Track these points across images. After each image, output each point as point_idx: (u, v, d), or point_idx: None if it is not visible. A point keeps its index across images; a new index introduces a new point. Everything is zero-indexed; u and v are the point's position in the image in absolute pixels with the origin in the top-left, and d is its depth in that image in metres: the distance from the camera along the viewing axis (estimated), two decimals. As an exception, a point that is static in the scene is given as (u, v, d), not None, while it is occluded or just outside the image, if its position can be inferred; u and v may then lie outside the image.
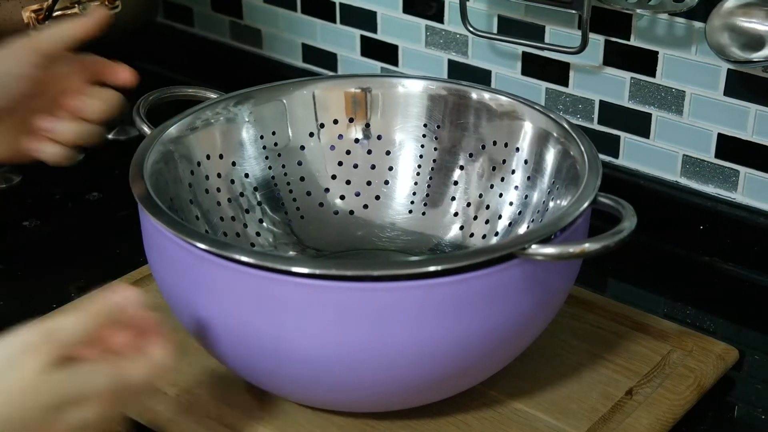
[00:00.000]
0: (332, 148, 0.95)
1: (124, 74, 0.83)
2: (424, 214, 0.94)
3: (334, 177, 0.95)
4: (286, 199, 0.93)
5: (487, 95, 0.91)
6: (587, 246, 0.69)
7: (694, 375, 0.83)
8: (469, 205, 0.92)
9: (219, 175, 0.89)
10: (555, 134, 0.86)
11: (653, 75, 1.00)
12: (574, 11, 1.01)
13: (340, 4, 1.21)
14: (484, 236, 0.91)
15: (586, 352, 0.86)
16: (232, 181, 0.90)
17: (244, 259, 0.68)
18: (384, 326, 0.68)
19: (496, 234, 0.90)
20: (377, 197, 0.95)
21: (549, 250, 0.69)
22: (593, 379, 0.83)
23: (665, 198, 1.02)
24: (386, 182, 0.95)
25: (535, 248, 0.69)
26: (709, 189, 1.01)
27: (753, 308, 0.95)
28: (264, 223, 0.91)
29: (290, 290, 0.68)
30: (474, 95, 0.92)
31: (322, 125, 0.94)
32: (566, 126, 0.85)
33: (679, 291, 0.98)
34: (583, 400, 0.80)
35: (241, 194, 0.90)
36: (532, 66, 1.08)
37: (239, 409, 0.79)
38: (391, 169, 0.95)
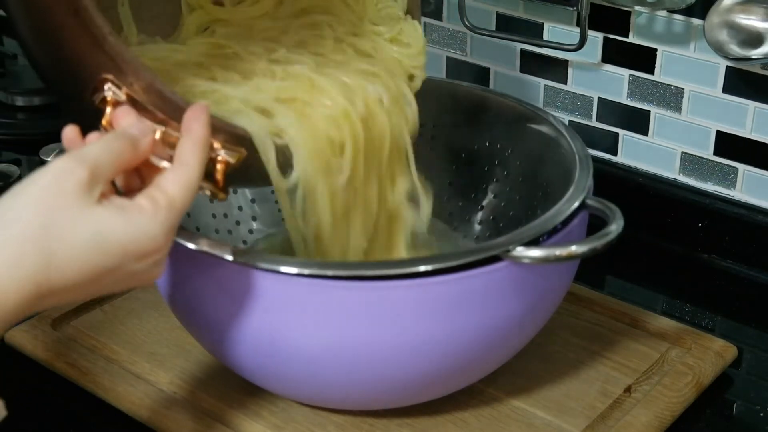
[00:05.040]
0: (330, 145, 0.94)
1: None
2: (418, 214, 0.94)
3: (331, 175, 0.94)
4: (280, 196, 0.93)
5: (482, 96, 0.91)
6: (574, 249, 0.69)
7: (693, 372, 0.83)
8: (462, 206, 0.92)
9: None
10: (548, 135, 0.85)
11: (652, 72, 1.00)
12: (572, 8, 1.00)
13: (339, 1, 1.20)
14: (477, 237, 0.91)
15: (585, 350, 0.86)
16: (229, 179, 0.90)
17: (234, 258, 0.68)
18: (376, 324, 0.68)
19: (489, 235, 0.90)
20: (374, 195, 0.95)
21: (535, 252, 0.69)
22: (591, 376, 0.83)
23: (664, 195, 1.02)
24: (383, 180, 0.95)
25: (520, 251, 0.69)
26: (708, 186, 1.01)
27: (751, 305, 0.95)
28: (256, 222, 0.91)
29: (281, 289, 0.68)
30: (469, 96, 0.92)
31: (320, 123, 0.94)
32: (560, 127, 0.85)
33: (678, 288, 0.98)
34: (581, 398, 0.80)
35: (234, 192, 0.90)
36: (531, 63, 1.08)
37: (237, 407, 0.79)
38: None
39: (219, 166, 0.66)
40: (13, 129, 1.23)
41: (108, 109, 0.62)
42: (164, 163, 0.62)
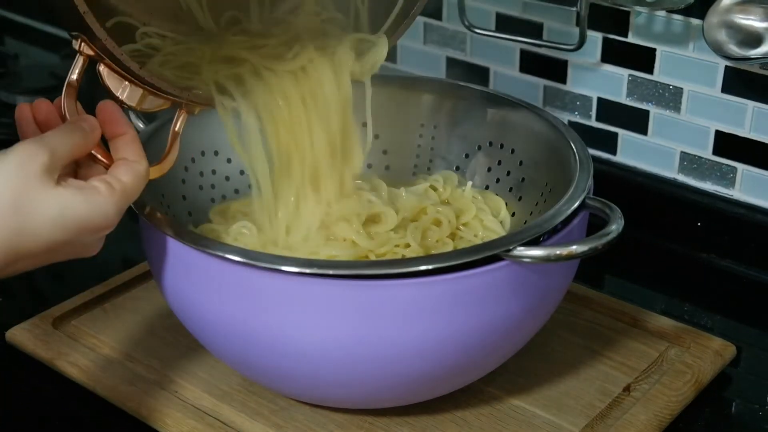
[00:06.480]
0: (329, 145, 0.94)
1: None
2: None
3: (331, 174, 0.95)
4: (282, 196, 0.93)
5: (483, 96, 0.91)
6: (574, 248, 0.69)
7: (692, 371, 0.83)
8: (464, 206, 0.92)
9: (213, 172, 0.89)
10: (549, 136, 0.86)
11: (651, 72, 1.00)
12: (572, 8, 1.01)
13: (339, 1, 1.21)
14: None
15: (584, 349, 0.86)
16: (227, 178, 0.90)
17: (235, 258, 0.68)
18: (376, 324, 0.68)
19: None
20: (374, 195, 0.95)
21: (535, 252, 0.69)
22: (591, 375, 0.83)
23: (663, 195, 1.02)
24: (383, 181, 0.95)
25: (521, 250, 0.69)
26: (707, 186, 1.01)
27: (750, 304, 0.96)
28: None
29: (281, 288, 0.68)
30: (470, 96, 0.92)
31: (320, 122, 0.94)
32: (560, 128, 0.85)
33: (677, 287, 0.98)
34: (580, 397, 0.81)
35: (236, 191, 0.90)
36: (531, 63, 1.08)
37: (238, 406, 0.79)
38: (387, 168, 0.95)
39: (181, 114, 0.76)
40: (14, 129, 1.22)
41: (81, 59, 0.70)
42: (102, 159, 0.69)
